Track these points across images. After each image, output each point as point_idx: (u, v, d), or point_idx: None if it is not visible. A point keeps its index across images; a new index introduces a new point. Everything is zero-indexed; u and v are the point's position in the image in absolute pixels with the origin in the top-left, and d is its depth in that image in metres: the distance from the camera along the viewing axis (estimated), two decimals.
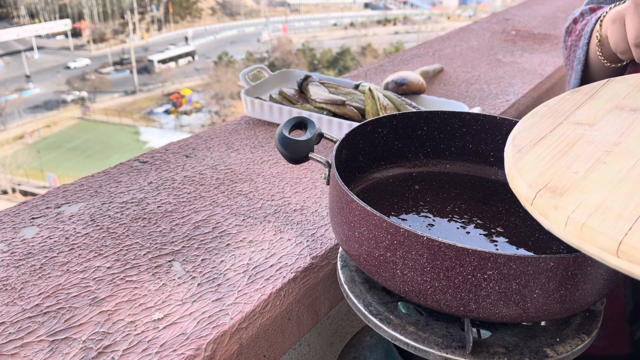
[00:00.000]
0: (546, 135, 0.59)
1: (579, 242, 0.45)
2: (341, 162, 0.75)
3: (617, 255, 0.42)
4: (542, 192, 0.49)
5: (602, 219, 0.44)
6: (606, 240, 0.42)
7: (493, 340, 0.61)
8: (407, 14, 47.63)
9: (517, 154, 0.56)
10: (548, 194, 0.48)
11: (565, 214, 0.46)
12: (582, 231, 0.44)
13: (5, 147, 26.95)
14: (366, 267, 0.63)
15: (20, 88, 31.84)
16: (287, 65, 30.31)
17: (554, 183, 0.50)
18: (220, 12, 45.82)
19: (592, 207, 0.46)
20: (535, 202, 0.49)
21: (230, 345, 0.67)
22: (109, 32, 40.09)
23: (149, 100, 31.95)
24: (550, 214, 0.47)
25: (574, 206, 0.46)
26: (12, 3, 41.19)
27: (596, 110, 0.63)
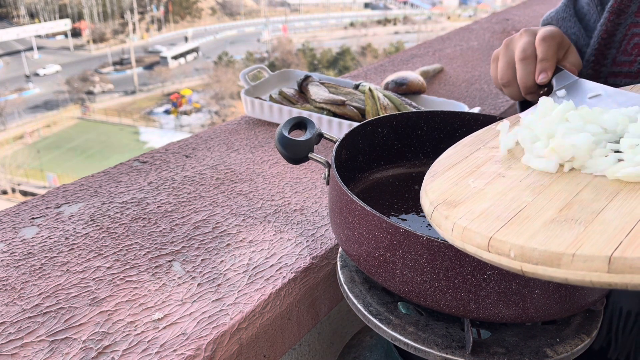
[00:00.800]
0: (461, 161, 0.64)
1: (462, 244, 0.50)
2: (341, 162, 0.75)
3: (487, 250, 0.47)
4: (439, 206, 0.55)
5: (482, 221, 0.50)
6: (479, 238, 0.48)
7: (493, 340, 0.61)
8: (407, 14, 47.64)
9: (429, 179, 0.62)
10: (443, 208, 0.54)
11: (452, 222, 0.51)
12: (463, 233, 0.50)
13: (5, 147, 26.96)
14: (366, 267, 0.63)
15: (20, 88, 31.85)
16: (287, 65, 30.32)
17: (451, 198, 0.55)
18: (220, 12, 45.83)
19: (477, 213, 0.52)
20: (433, 215, 0.55)
21: (230, 345, 0.67)
22: (109, 32, 40.10)
23: (149, 100, 31.96)
24: (442, 223, 0.53)
25: (462, 214, 0.52)
26: (12, 3, 41.20)
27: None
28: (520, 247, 0.45)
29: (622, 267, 0.41)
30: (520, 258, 0.45)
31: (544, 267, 0.44)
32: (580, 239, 0.44)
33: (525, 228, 0.48)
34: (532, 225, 0.48)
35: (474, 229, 0.49)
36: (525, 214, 0.50)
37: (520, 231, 0.47)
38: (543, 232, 0.46)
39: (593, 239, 0.44)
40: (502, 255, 0.47)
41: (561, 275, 0.44)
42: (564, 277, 0.44)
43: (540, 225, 0.47)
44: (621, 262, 0.41)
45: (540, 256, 0.44)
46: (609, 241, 0.43)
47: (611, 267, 0.41)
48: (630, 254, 0.41)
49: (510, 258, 0.46)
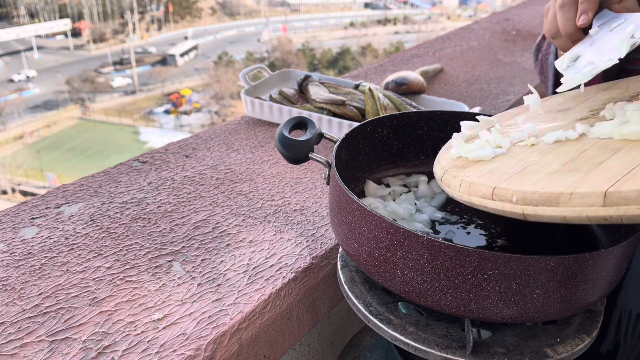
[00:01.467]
0: (474, 138, 0.67)
1: (469, 197, 0.54)
2: (341, 162, 0.75)
3: (492, 199, 0.51)
4: (449, 169, 0.59)
5: (488, 176, 0.54)
6: (484, 189, 0.52)
7: (493, 340, 0.61)
8: (407, 14, 47.62)
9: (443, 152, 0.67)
10: (453, 170, 0.59)
11: (460, 179, 0.56)
12: (470, 187, 0.54)
13: (5, 147, 26.95)
14: (366, 267, 0.63)
15: (20, 88, 31.83)
16: (287, 65, 30.30)
17: (462, 163, 0.60)
18: (220, 12, 45.82)
19: (484, 171, 0.55)
20: (443, 177, 0.59)
21: (230, 345, 0.67)
22: (109, 32, 40.08)
23: (149, 100, 31.95)
24: (451, 182, 0.57)
25: (470, 173, 0.56)
26: (12, 3, 41.19)
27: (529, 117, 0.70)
28: (522, 192, 0.49)
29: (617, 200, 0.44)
30: (522, 202, 0.49)
31: (544, 208, 0.47)
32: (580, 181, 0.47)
33: (528, 178, 0.51)
34: (535, 176, 0.51)
35: (480, 182, 0.53)
36: (530, 169, 0.53)
37: (523, 181, 0.50)
38: (545, 180, 0.49)
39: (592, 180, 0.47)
40: (505, 201, 0.50)
41: (559, 213, 0.47)
42: (562, 215, 0.46)
43: (544, 175, 0.50)
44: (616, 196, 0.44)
45: (540, 198, 0.47)
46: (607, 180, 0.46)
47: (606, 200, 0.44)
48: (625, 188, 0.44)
49: (512, 203, 0.49)
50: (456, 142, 0.65)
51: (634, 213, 0.43)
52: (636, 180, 0.44)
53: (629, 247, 0.60)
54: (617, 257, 0.58)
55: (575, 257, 0.54)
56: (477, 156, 0.60)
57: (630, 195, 0.43)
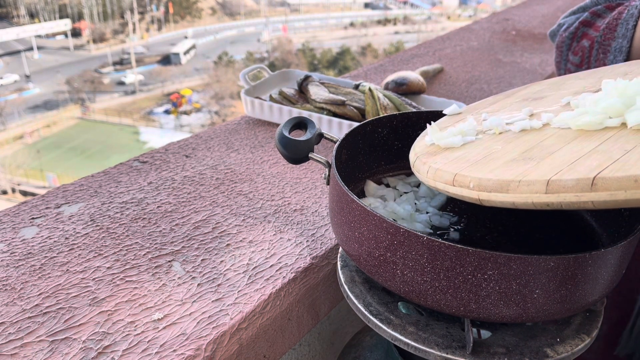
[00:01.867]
0: (448, 126, 0.69)
1: (434, 183, 0.58)
2: (341, 162, 0.75)
3: (453, 185, 0.55)
4: (421, 156, 0.63)
5: (453, 164, 0.57)
6: (447, 175, 0.56)
7: (493, 340, 0.61)
8: (407, 14, 47.62)
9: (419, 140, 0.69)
10: (424, 157, 0.62)
11: (428, 165, 0.59)
12: (435, 174, 0.58)
13: (5, 147, 26.94)
14: (366, 267, 0.63)
15: (20, 88, 31.82)
16: (287, 65, 30.29)
17: (433, 150, 0.63)
18: (220, 12, 45.81)
19: (450, 158, 0.59)
20: (415, 163, 0.63)
21: (230, 345, 0.67)
22: (109, 32, 40.07)
23: (149, 100, 31.94)
24: (420, 168, 0.61)
25: (438, 160, 0.60)
26: (12, 3, 41.19)
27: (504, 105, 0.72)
28: (478, 179, 0.53)
29: (557, 188, 0.48)
30: (477, 188, 0.53)
31: (496, 194, 0.51)
32: (530, 170, 0.51)
33: (487, 166, 0.54)
34: (494, 164, 0.54)
35: (444, 169, 0.57)
36: (491, 157, 0.56)
37: (482, 168, 0.54)
38: (501, 168, 0.53)
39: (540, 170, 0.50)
40: (464, 187, 0.54)
41: (509, 199, 0.50)
42: (511, 201, 0.50)
43: (501, 164, 0.54)
44: (556, 184, 0.48)
45: (493, 185, 0.52)
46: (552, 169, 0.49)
47: (548, 188, 0.48)
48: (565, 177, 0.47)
49: (469, 189, 0.53)
50: (431, 130, 0.67)
51: (571, 200, 0.47)
52: (577, 170, 0.48)
53: (629, 247, 0.60)
54: (617, 257, 0.58)
55: (575, 256, 0.54)
56: (448, 143, 0.63)
57: (569, 184, 0.47)
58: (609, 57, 0.97)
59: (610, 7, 1.01)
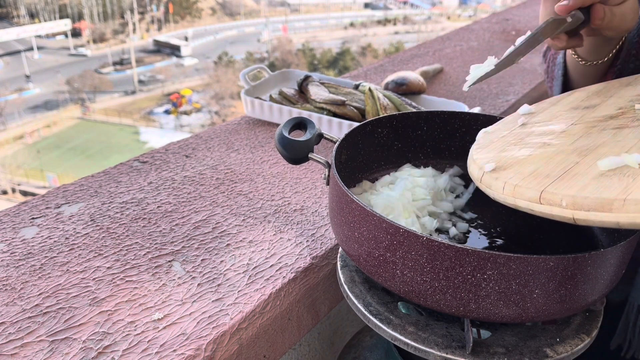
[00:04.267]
0: (505, 135, 0.67)
1: (513, 200, 0.55)
2: (341, 162, 0.75)
3: (540, 203, 0.52)
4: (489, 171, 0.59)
5: (532, 179, 0.55)
6: (531, 192, 0.53)
7: (493, 340, 0.61)
8: (407, 14, 47.60)
9: (476, 149, 0.66)
10: (493, 172, 0.59)
11: (503, 181, 0.56)
12: (514, 190, 0.55)
13: (5, 147, 26.94)
14: (366, 267, 0.63)
15: (20, 88, 31.82)
16: (287, 65, 30.28)
17: (500, 163, 0.60)
18: (220, 12, 45.81)
19: (526, 173, 0.56)
20: (483, 178, 0.60)
21: (230, 345, 0.67)
22: (109, 32, 40.06)
23: (149, 100, 31.94)
24: (492, 184, 0.58)
25: (511, 175, 0.57)
26: (12, 3, 41.19)
27: (554, 113, 0.70)
28: (572, 197, 0.49)
29: None
30: (572, 207, 0.49)
31: (596, 213, 0.48)
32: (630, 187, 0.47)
33: (575, 182, 0.51)
34: (581, 180, 0.51)
35: (525, 185, 0.53)
36: (574, 172, 0.53)
37: (570, 185, 0.51)
38: (594, 184, 0.50)
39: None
40: (554, 205, 0.51)
41: (613, 219, 0.47)
42: (615, 220, 0.47)
43: (590, 179, 0.51)
44: None
45: (592, 203, 0.48)
46: None
47: None
48: None
49: (562, 207, 0.50)
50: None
51: None
52: None
53: (629, 247, 0.60)
54: (616, 257, 0.58)
55: (574, 257, 0.54)
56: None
57: None
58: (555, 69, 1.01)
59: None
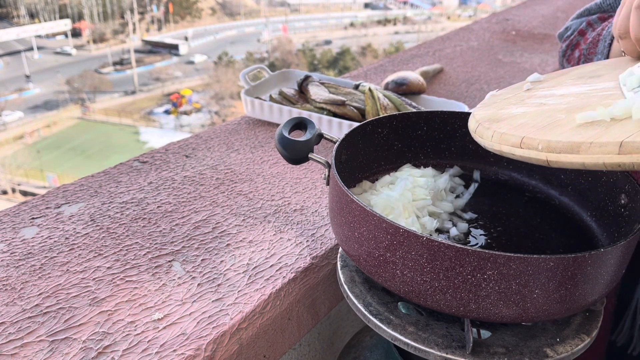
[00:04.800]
0: (509, 97, 0.71)
1: (499, 146, 0.59)
2: (341, 162, 0.75)
3: (520, 147, 0.56)
4: (483, 122, 0.64)
5: (518, 129, 0.59)
6: (514, 138, 0.57)
7: (493, 340, 0.61)
8: (407, 14, 47.62)
9: (478, 107, 0.70)
10: (487, 123, 0.63)
11: (493, 130, 0.61)
12: (501, 137, 0.59)
13: (5, 147, 26.94)
14: (366, 267, 0.63)
15: (20, 88, 31.82)
16: (287, 65, 30.28)
17: (495, 117, 0.64)
18: (220, 12, 45.81)
19: (515, 125, 0.60)
20: (477, 129, 0.64)
21: (230, 345, 0.67)
22: (109, 32, 40.07)
23: (149, 100, 31.94)
24: (484, 133, 0.62)
25: (502, 126, 0.61)
26: (12, 3, 41.19)
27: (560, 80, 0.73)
28: (547, 141, 0.54)
29: (631, 149, 0.49)
30: (546, 149, 0.54)
31: (566, 155, 0.53)
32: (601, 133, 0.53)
33: (554, 131, 0.56)
34: (561, 129, 0.56)
35: (510, 132, 0.59)
36: (557, 124, 0.57)
37: (549, 133, 0.56)
38: (569, 132, 0.55)
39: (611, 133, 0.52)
40: (532, 149, 0.55)
41: (579, 160, 0.52)
42: (581, 161, 0.52)
43: (568, 129, 0.55)
44: (630, 145, 0.49)
45: (563, 146, 0.53)
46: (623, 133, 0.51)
47: (621, 149, 0.49)
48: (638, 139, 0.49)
49: (538, 150, 0.55)
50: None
51: None
52: None
53: (629, 247, 0.60)
54: (616, 256, 0.58)
55: (574, 256, 0.54)
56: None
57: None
58: None
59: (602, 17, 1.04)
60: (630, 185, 0.67)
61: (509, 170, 0.85)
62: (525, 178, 0.84)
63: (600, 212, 0.73)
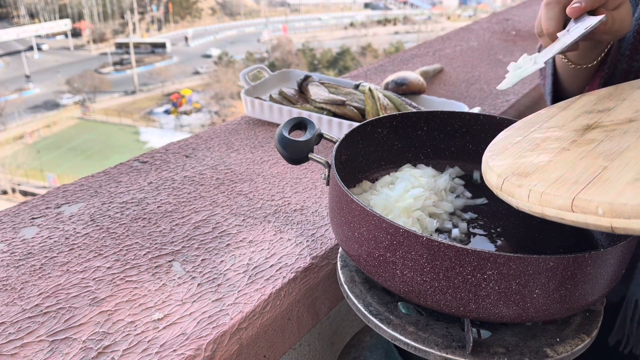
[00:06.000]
0: (519, 141, 0.64)
1: (541, 209, 0.52)
2: (341, 162, 0.75)
3: (572, 211, 0.49)
4: (509, 177, 0.56)
5: (559, 186, 0.51)
6: (561, 200, 0.50)
7: (493, 340, 0.61)
8: (407, 14, 47.62)
9: (490, 156, 0.63)
10: (514, 178, 0.56)
11: (528, 189, 0.53)
12: (541, 198, 0.51)
13: (5, 147, 26.94)
14: (366, 267, 0.63)
15: (20, 88, 31.82)
16: (287, 65, 30.28)
17: (520, 170, 0.57)
18: (220, 12, 45.82)
19: (551, 180, 0.53)
20: (504, 186, 0.56)
21: (230, 345, 0.67)
22: (109, 32, 40.07)
23: (149, 100, 31.93)
24: (515, 192, 0.55)
25: (536, 182, 0.53)
26: (12, 3, 41.19)
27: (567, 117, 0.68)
28: (609, 204, 0.46)
29: None
30: (609, 214, 0.46)
31: (637, 221, 0.44)
32: None
33: (608, 188, 0.48)
34: (614, 185, 0.48)
35: (552, 192, 0.50)
36: (604, 177, 0.50)
37: (603, 191, 0.48)
38: (630, 190, 0.46)
39: None
40: (589, 213, 0.47)
41: None
42: None
43: (625, 184, 0.47)
44: None
45: (632, 210, 0.45)
46: None
47: None
48: None
49: (598, 215, 0.47)
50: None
51: None
52: None
53: (629, 247, 0.60)
54: (616, 256, 0.58)
55: (574, 256, 0.54)
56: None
57: None
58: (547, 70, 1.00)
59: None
60: None
61: None
62: None
63: None
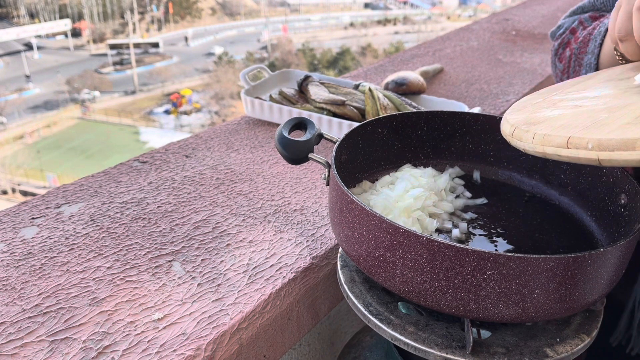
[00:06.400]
0: (539, 102, 0.69)
1: (542, 148, 0.58)
2: (341, 162, 0.75)
3: (567, 147, 0.55)
4: (520, 125, 0.62)
5: (560, 130, 0.58)
6: (559, 139, 0.56)
7: (493, 340, 0.61)
8: (407, 14, 47.62)
9: (509, 112, 0.69)
10: (524, 126, 0.62)
11: (533, 132, 0.59)
12: (543, 139, 0.58)
13: (5, 147, 26.93)
14: (366, 267, 0.63)
15: (20, 88, 31.82)
16: (287, 65, 30.27)
17: (532, 120, 0.63)
18: (220, 12, 45.82)
19: (555, 126, 0.59)
20: (515, 132, 0.62)
21: (230, 345, 0.67)
22: (109, 32, 40.07)
23: (149, 100, 31.93)
24: (523, 136, 0.61)
25: (541, 128, 0.60)
26: (12, 3, 41.19)
27: (589, 85, 0.72)
28: (597, 140, 0.52)
29: None
30: (597, 148, 0.52)
31: (620, 152, 0.50)
32: None
33: (601, 129, 0.54)
34: (608, 127, 0.54)
35: (553, 133, 0.57)
36: (602, 123, 0.55)
37: (596, 131, 0.54)
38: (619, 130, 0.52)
39: None
40: (580, 148, 0.53)
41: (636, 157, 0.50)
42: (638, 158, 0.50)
43: (616, 127, 0.53)
44: None
45: (617, 144, 0.51)
46: None
47: None
48: None
49: (588, 150, 0.53)
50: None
51: None
52: None
53: (629, 247, 0.60)
54: (616, 256, 0.58)
55: (574, 256, 0.54)
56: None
57: None
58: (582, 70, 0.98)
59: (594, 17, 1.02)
60: (630, 185, 0.67)
61: (509, 170, 0.85)
62: (525, 178, 0.84)
63: (600, 212, 0.73)
